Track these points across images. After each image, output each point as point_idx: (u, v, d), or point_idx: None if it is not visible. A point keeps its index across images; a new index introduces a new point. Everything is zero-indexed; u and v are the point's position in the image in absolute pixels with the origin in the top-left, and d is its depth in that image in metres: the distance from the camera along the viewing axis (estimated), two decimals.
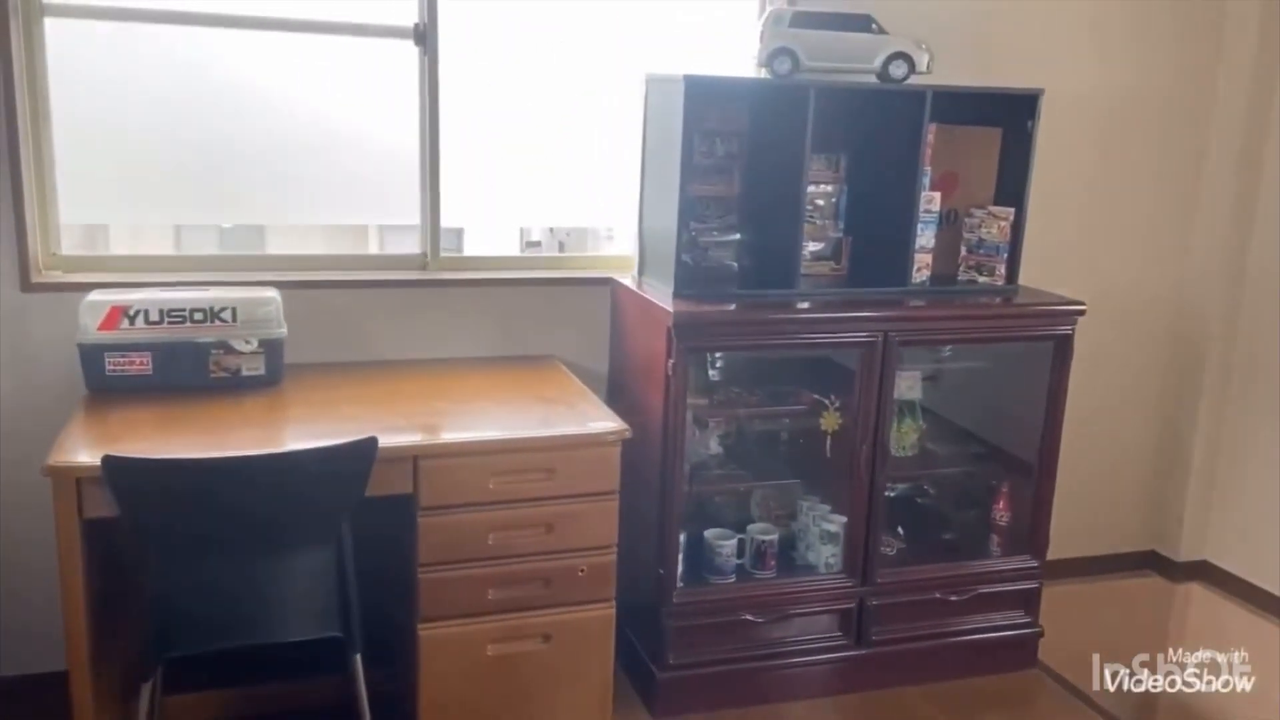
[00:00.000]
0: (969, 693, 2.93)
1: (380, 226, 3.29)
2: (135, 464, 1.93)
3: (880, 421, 2.78)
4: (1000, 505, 3.08)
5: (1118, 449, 3.68)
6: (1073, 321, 2.90)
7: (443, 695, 2.30)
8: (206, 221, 3.00)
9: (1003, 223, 2.97)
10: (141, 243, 3.11)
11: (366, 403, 2.50)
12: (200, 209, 2.87)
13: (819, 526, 2.91)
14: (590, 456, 2.33)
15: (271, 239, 3.09)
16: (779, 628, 2.83)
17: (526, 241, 3.92)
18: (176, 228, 3.19)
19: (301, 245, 3.02)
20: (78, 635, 2.03)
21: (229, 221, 2.99)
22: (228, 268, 2.79)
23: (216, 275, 2.69)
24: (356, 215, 3.08)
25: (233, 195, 2.82)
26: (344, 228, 3.22)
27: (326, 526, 2.11)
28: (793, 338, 2.77)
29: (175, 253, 3.08)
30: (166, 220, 3.00)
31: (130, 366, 2.40)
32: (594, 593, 2.38)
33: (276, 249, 3.02)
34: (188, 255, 2.97)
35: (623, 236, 3.20)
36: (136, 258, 2.77)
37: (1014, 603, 3.05)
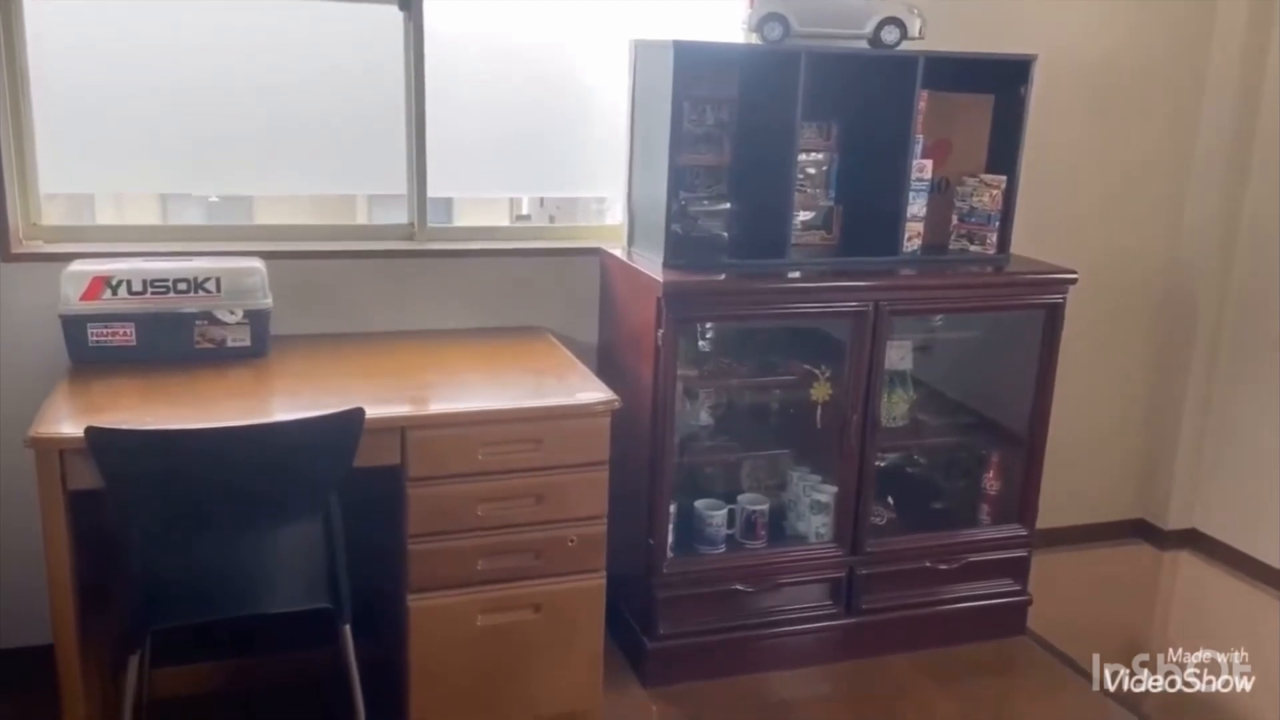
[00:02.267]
0: (958, 660, 2.95)
1: (369, 198, 3.23)
2: (119, 435, 1.91)
3: (871, 391, 2.78)
4: (990, 475, 3.08)
5: (1107, 418, 3.68)
6: (1064, 290, 2.89)
7: (433, 665, 2.30)
8: (190, 191, 2.95)
9: (994, 191, 2.95)
10: (126, 214, 3.05)
11: (354, 374, 2.48)
12: (184, 178, 2.83)
13: (809, 496, 2.91)
14: (580, 427, 2.32)
15: (259, 211, 3.04)
16: (769, 597, 2.84)
17: (516, 215, 3.87)
18: (162, 199, 3.13)
19: (289, 217, 2.97)
20: (64, 609, 2.02)
21: (213, 191, 2.93)
22: (213, 238, 2.76)
23: (201, 245, 2.66)
24: (343, 185, 3.04)
25: (217, 165, 2.78)
26: (331, 199, 3.17)
27: (314, 498, 2.10)
28: (784, 307, 2.76)
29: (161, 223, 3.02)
30: (149, 189, 2.95)
31: (113, 338, 2.38)
32: (584, 563, 2.38)
33: (264, 221, 2.96)
34: (172, 225, 2.93)
35: (615, 208, 3.18)
36: (120, 228, 2.74)
37: (1003, 571, 3.06)
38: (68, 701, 2.07)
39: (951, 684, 2.84)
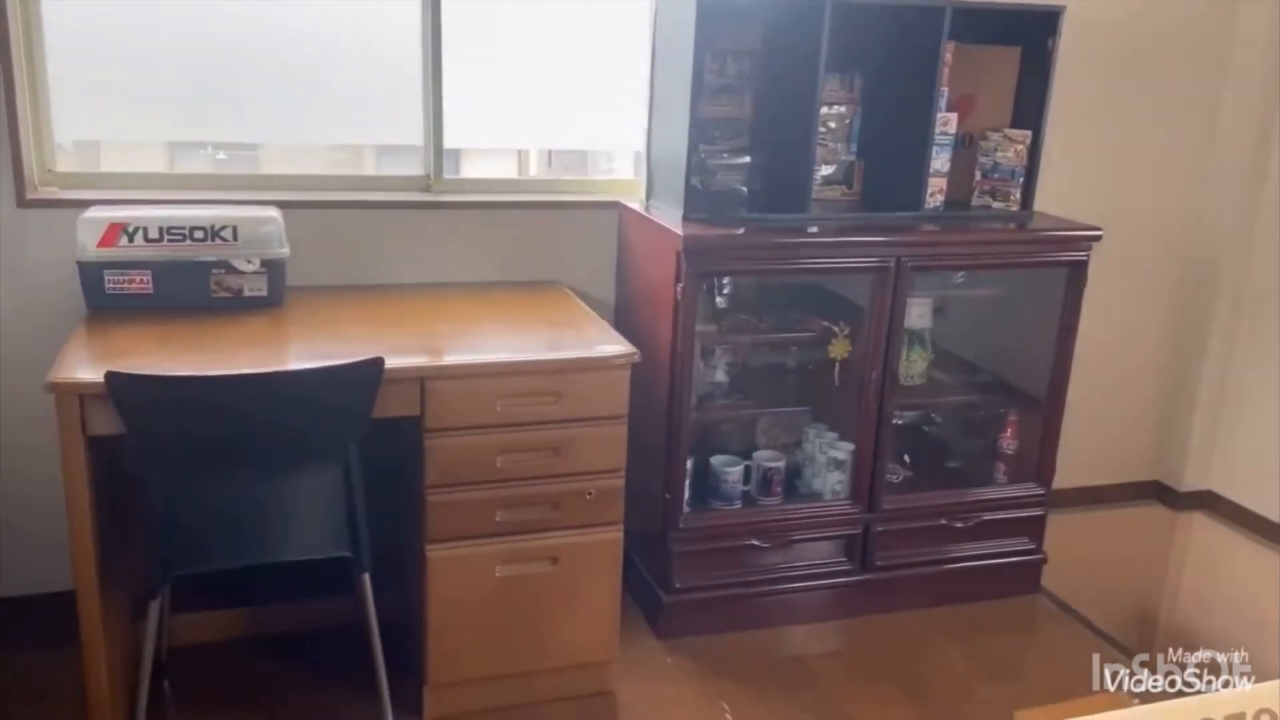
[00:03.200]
0: (972, 617, 2.96)
1: (377, 149, 3.20)
2: (140, 380, 1.90)
3: (890, 348, 2.75)
4: (1007, 434, 3.07)
5: (1124, 379, 3.65)
6: (1088, 248, 2.86)
7: (451, 616, 2.31)
8: (201, 140, 2.91)
9: (1019, 146, 2.91)
10: (132, 162, 3.02)
11: (370, 324, 2.47)
12: (195, 127, 2.80)
13: (825, 454, 2.90)
14: (598, 380, 2.31)
15: (266, 162, 3.00)
16: (784, 553, 2.84)
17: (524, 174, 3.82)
18: (170, 150, 3.09)
19: (296, 169, 2.93)
20: (85, 554, 2.02)
21: (227, 138, 2.89)
22: (227, 187, 2.73)
23: (215, 194, 2.64)
24: (357, 135, 3.00)
25: (230, 113, 2.75)
26: (339, 151, 3.13)
27: (334, 447, 2.09)
28: (804, 262, 2.73)
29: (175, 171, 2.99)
30: (161, 137, 2.91)
31: (130, 285, 2.36)
32: (602, 516, 2.37)
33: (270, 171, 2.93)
34: (186, 173, 2.89)
35: (624, 163, 3.14)
36: (135, 175, 2.71)
37: (1019, 529, 3.06)
38: (88, 647, 2.08)
39: (966, 640, 2.84)
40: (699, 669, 2.65)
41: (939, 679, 2.67)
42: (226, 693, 2.49)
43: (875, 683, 2.63)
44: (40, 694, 2.40)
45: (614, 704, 2.50)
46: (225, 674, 2.55)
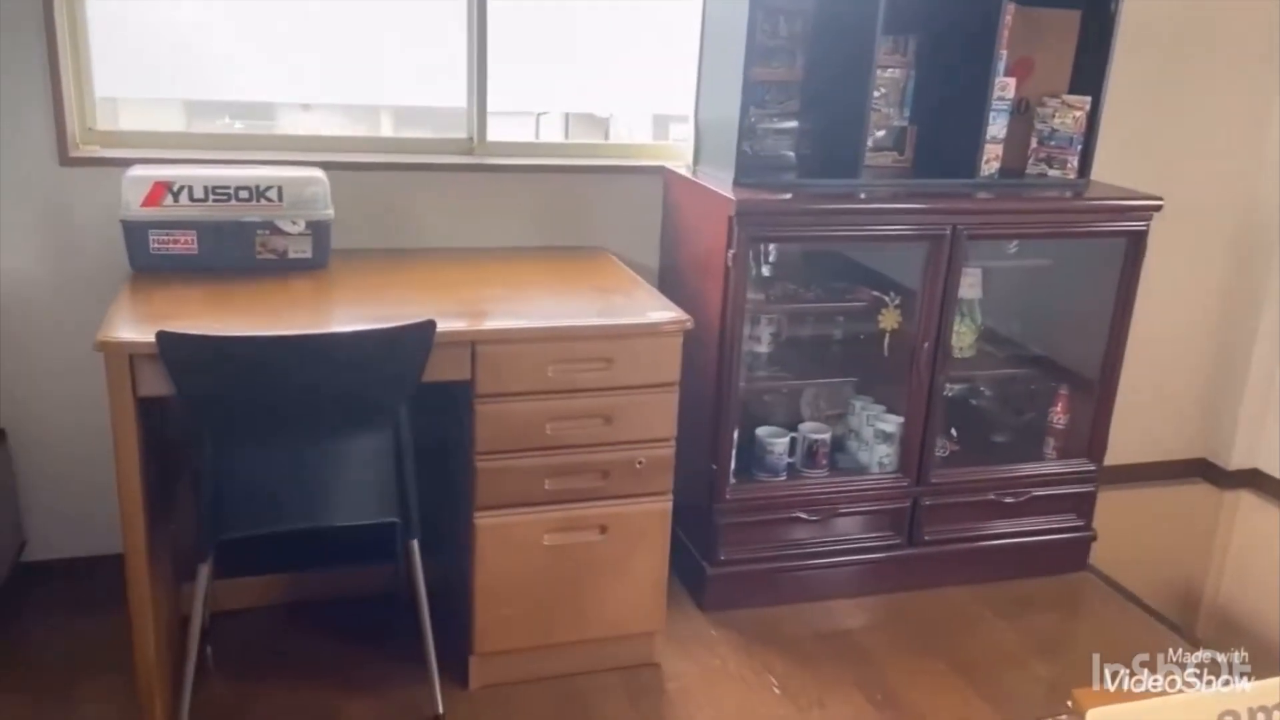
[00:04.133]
0: (1020, 593, 2.91)
1: (394, 111, 3.14)
2: (191, 340, 1.86)
3: (944, 319, 2.69)
4: (1058, 408, 3.00)
5: (1173, 354, 3.58)
6: (1148, 218, 2.78)
7: (498, 584, 2.27)
8: (243, 99, 2.86)
9: (1078, 113, 2.82)
10: (148, 123, 2.96)
11: (416, 288, 2.42)
12: (231, 87, 2.76)
13: (873, 426, 2.84)
14: (650, 346, 2.26)
15: (283, 123, 2.96)
16: (830, 526, 2.80)
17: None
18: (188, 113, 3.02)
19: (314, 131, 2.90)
20: (134, 516, 1.99)
21: (268, 98, 2.85)
22: (266, 147, 2.68)
23: (254, 155, 2.59)
24: (399, 96, 2.95)
25: (266, 72, 2.71)
26: (355, 113, 3.08)
27: (384, 410, 2.06)
28: (859, 229, 2.66)
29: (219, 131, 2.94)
30: (198, 96, 2.86)
31: (175, 245, 2.32)
32: (652, 485, 2.33)
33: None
34: (227, 133, 2.84)
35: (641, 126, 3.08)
36: (174, 134, 2.68)
37: (1068, 506, 3.00)
38: (136, 609, 2.05)
39: (1014, 617, 2.79)
40: (744, 642, 2.62)
41: (988, 656, 2.63)
42: (269, 659, 2.47)
43: (924, 658, 2.59)
44: (88, 658, 2.39)
45: (660, 676, 2.47)
46: (267, 640, 2.53)
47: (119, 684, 2.20)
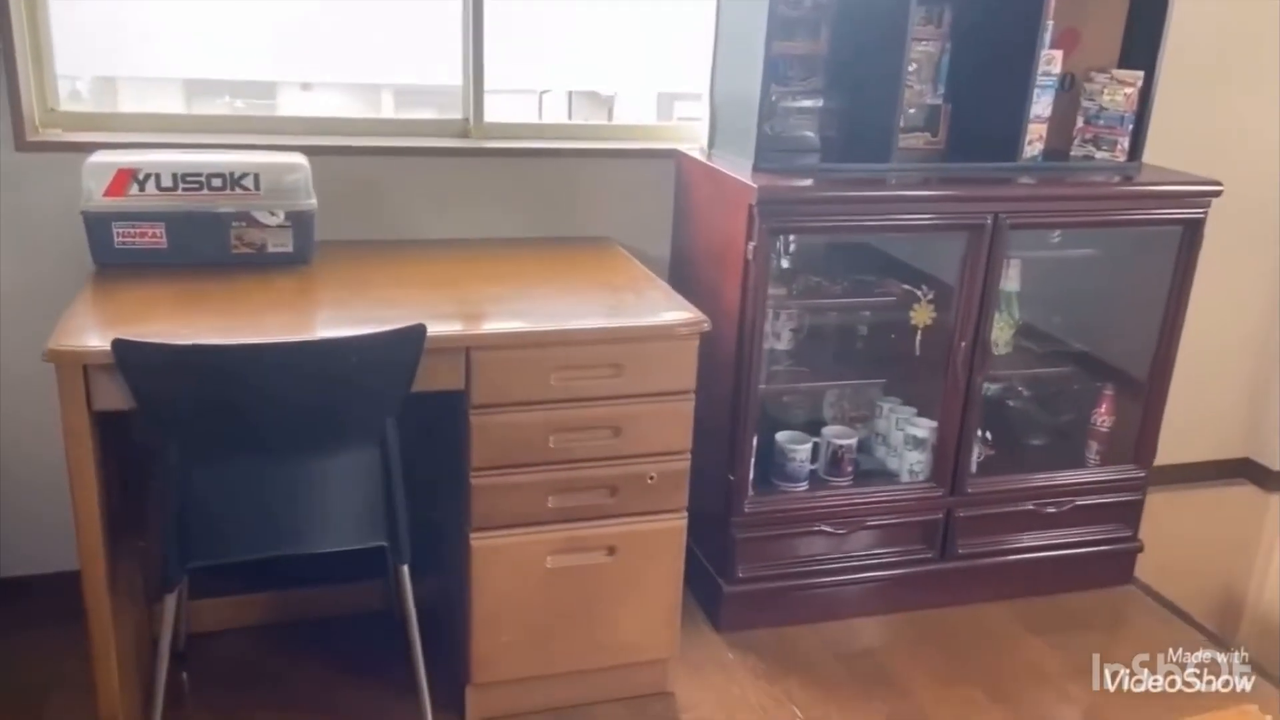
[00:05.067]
0: (1060, 610, 2.71)
1: (394, 91, 2.93)
2: (153, 350, 1.66)
3: (983, 314, 2.48)
4: (1102, 409, 2.79)
5: (1218, 350, 3.34)
6: (1206, 204, 2.56)
7: (496, 609, 2.08)
8: (225, 77, 2.66)
9: (1129, 89, 2.60)
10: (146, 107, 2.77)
11: (407, 285, 2.21)
12: (214, 63, 2.55)
13: (903, 430, 2.64)
14: (663, 351, 2.05)
15: (283, 103, 2.75)
16: (856, 539, 2.59)
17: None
18: (187, 95, 2.84)
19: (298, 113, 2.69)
20: (92, 540, 1.80)
21: (254, 77, 2.64)
22: (245, 130, 2.48)
23: (233, 138, 2.39)
24: (390, 74, 2.74)
25: (246, 50, 2.49)
26: (356, 93, 2.87)
27: (370, 424, 1.85)
28: (892, 218, 2.43)
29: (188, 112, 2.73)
30: (172, 75, 2.66)
31: (141, 239, 2.11)
32: (664, 502, 2.13)
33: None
34: (202, 115, 2.62)
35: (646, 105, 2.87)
36: (145, 116, 2.46)
37: (1113, 515, 2.80)
38: (97, 639, 1.86)
39: (1055, 637, 2.59)
40: (764, 666, 2.42)
41: (1027, 680, 2.43)
42: (249, 685, 2.28)
43: (957, 685, 2.39)
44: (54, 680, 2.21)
45: (673, 706, 2.28)
46: (247, 664, 2.35)
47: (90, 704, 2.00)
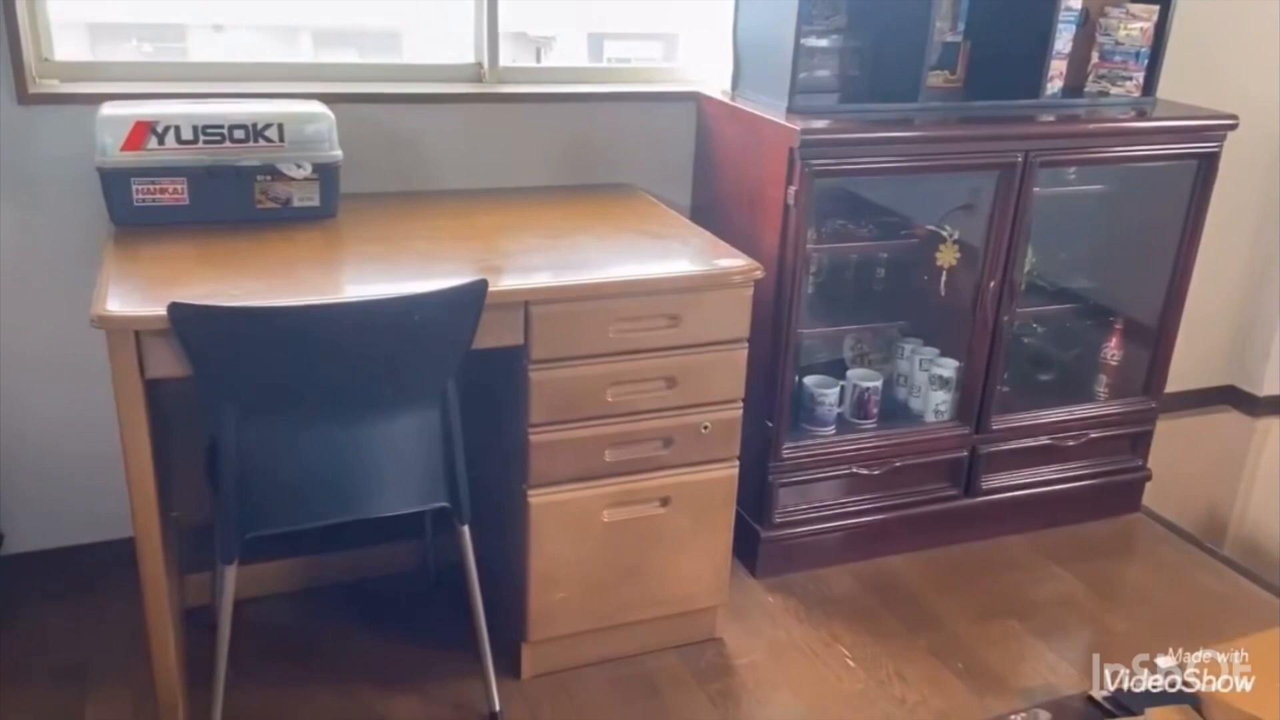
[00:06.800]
0: (1078, 539, 2.78)
1: (313, 33, 2.79)
2: (216, 313, 1.57)
3: (1012, 254, 2.49)
4: (1112, 344, 2.84)
5: (1202, 279, 3.40)
6: (1222, 137, 2.59)
7: (553, 566, 2.05)
8: (222, 20, 2.50)
9: (1144, 24, 2.60)
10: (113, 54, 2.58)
11: (442, 239, 2.13)
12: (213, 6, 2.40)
13: (928, 371, 2.65)
14: (720, 299, 2.01)
15: (193, 46, 2.58)
16: (885, 480, 2.61)
17: None
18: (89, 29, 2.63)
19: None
20: (147, 507, 1.72)
21: (247, 20, 2.49)
22: (251, 77, 2.34)
23: (239, 86, 2.25)
24: (398, 17, 2.61)
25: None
26: (272, 34, 2.73)
27: (431, 384, 1.80)
28: (924, 159, 2.40)
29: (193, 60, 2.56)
30: (170, 19, 2.49)
31: (162, 195, 2.00)
32: (717, 451, 2.11)
33: None
34: (206, 62, 2.46)
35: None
36: (146, 64, 2.32)
37: (1124, 446, 2.87)
38: (153, 614, 1.79)
39: (1074, 564, 2.66)
40: (805, 609, 2.45)
41: (1063, 612, 2.50)
42: (294, 654, 2.22)
43: (994, 619, 2.44)
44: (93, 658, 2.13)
45: (724, 652, 2.29)
46: (289, 632, 2.28)
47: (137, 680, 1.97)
